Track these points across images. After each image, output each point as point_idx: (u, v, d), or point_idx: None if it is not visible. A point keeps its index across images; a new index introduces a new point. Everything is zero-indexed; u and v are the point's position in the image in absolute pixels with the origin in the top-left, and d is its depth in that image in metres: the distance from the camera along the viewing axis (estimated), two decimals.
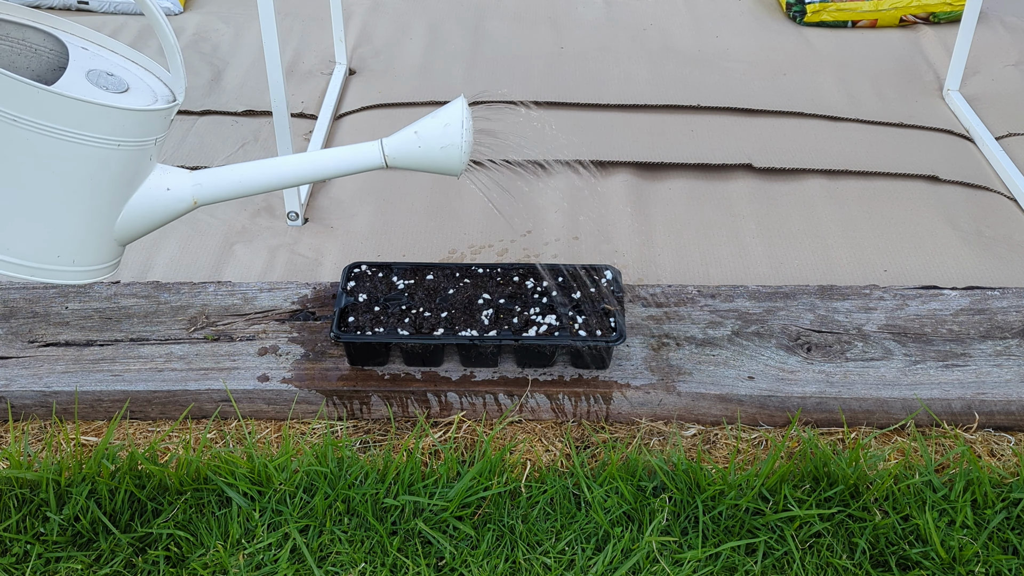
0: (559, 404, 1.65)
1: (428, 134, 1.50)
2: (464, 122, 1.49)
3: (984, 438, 1.64)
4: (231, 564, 1.40)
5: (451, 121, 1.49)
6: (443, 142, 1.49)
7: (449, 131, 1.49)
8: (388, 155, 1.52)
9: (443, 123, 1.50)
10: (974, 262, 1.97)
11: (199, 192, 1.53)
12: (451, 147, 1.49)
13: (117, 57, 1.54)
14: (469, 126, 1.50)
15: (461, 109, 1.50)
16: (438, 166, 1.52)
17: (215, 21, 2.89)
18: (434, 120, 1.51)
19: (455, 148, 1.49)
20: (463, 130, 1.49)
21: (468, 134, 1.50)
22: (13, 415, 1.66)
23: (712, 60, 2.70)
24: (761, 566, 1.41)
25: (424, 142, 1.50)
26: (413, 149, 1.51)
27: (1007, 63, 2.68)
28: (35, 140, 1.34)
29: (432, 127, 1.50)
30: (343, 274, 1.75)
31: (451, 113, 1.50)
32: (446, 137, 1.49)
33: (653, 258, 1.99)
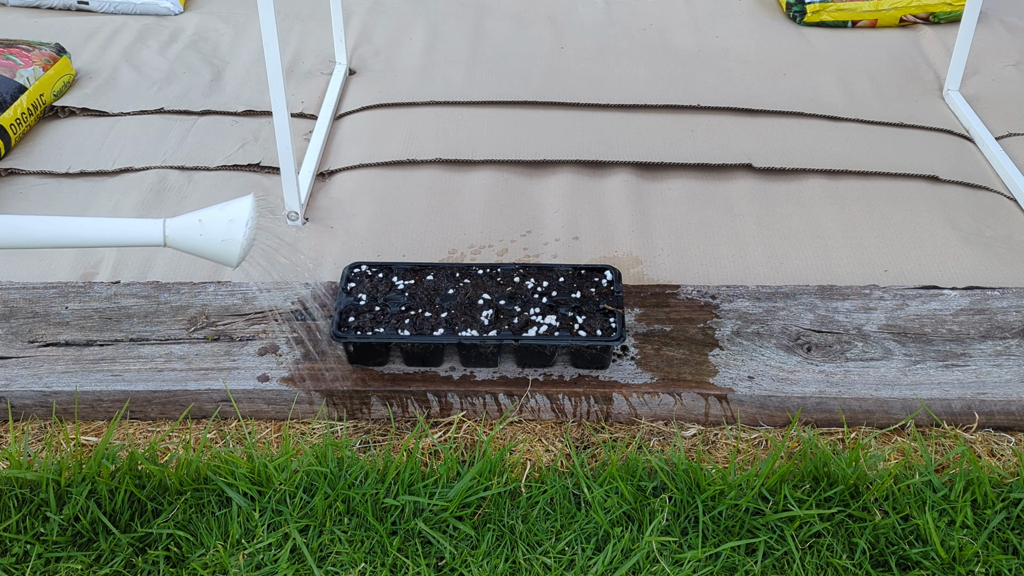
0: (559, 404, 1.65)
1: (212, 226, 1.55)
2: (248, 221, 1.54)
3: (984, 438, 1.64)
4: (231, 564, 1.40)
5: (236, 218, 1.54)
6: (225, 236, 1.54)
7: (233, 227, 1.54)
8: (168, 236, 1.57)
9: (228, 218, 1.55)
10: (974, 262, 1.97)
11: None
12: (231, 242, 1.54)
13: None
14: (253, 225, 1.55)
15: (248, 208, 1.55)
16: (216, 256, 1.57)
17: (215, 21, 2.89)
18: (220, 212, 1.55)
19: (235, 244, 1.54)
20: (246, 228, 1.54)
21: (251, 232, 1.55)
22: (13, 415, 1.66)
23: (712, 60, 2.69)
24: (761, 566, 1.41)
25: (207, 231, 1.55)
26: (195, 236, 1.56)
27: (1007, 63, 2.68)
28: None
29: (217, 220, 1.55)
30: (343, 274, 1.75)
31: (238, 210, 1.55)
32: (229, 232, 1.54)
33: (653, 258, 1.99)
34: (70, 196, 2.15)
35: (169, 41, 2.77)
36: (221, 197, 2.13)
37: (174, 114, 2.43)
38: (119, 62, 2.64)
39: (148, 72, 2.60)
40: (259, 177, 2.21)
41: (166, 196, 2.14)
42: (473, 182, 2.21)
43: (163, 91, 2.51)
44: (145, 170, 2.22)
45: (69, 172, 2.21)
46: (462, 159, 2.26)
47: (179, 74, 2.59)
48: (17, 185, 2.18)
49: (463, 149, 2.29)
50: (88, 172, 2.21)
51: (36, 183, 2.18)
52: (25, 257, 1.94)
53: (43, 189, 2.16)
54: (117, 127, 2.37)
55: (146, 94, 2.49)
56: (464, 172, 2.24)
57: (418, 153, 2.27)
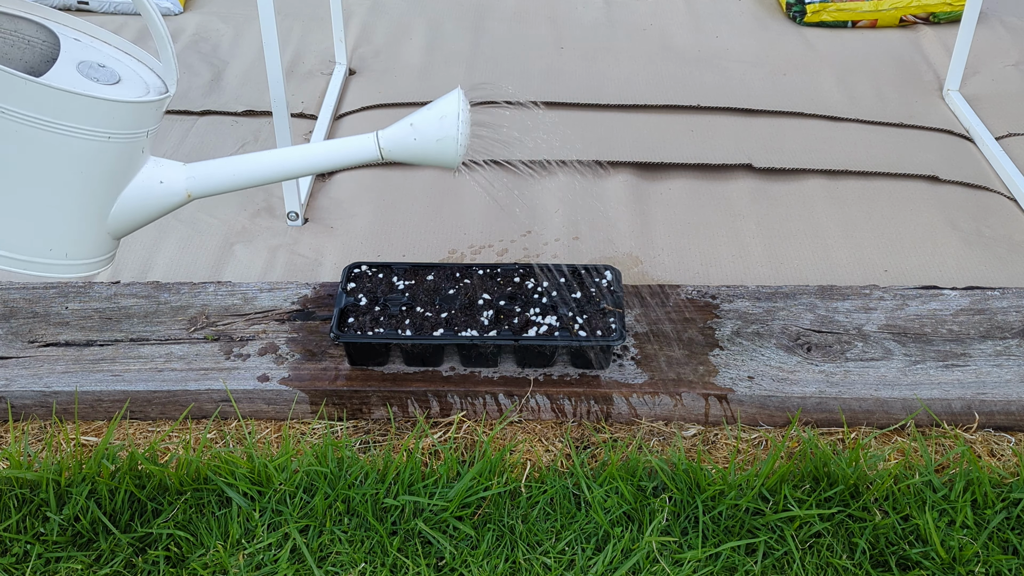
0: (559, 404, 1.65)
1: (424, 126, 1.48)
2: (460, 114, 1.47)
3: (984, 438, 1.64)
4: (231, 564, 1.40)
5: (447, 113, 1.47)
6: (439, 135, 1.47)
7: (445, 124, 1.47)
8: (384, 147, 1.50)
9: (439, 115, 1.48)
10: (974, 262, 1.97)
11: (192, 185, 1.52)
12: (447, 139, 1.47)
13: (110, 48, 1.53)
14: (466, 119, 1.48)
15: (458, 101, 1.48)
16: (434, 159, 1.50)
17: (215, 21, 2.89)
18: (430, 112, 1.49)
19: (451, 141, 1.47)
20: (459, 122, 1.47)
21: (464, 127, 1.48)
22: (13, 415, 1.66)
23: (712, 60, 2.69)
24: (761, 566, 1.41)
25: (420, 134, 1.48)
26: (409, 141, 1.49)
27: (1007, 63, 2.68)
28: (25, 132, 1.33)
29: (428, 119, 1.48)
30: (343, 274, 1.75)
31: (447, 105, 1.48)
32: (442, 130, 1.47)
33: (653, 258, 1.99)
34: None
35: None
36: (221, 197, 2.13)
37: (174, 114, 2.43)
38: None
39: None
40: None
41: None
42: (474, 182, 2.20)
43: None
44: None
45: None
46: None
47: (179, 74, 2.59)
48: None
49: None
50: None
51: None
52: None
53: None
54: None
55: None
56: None
57: None
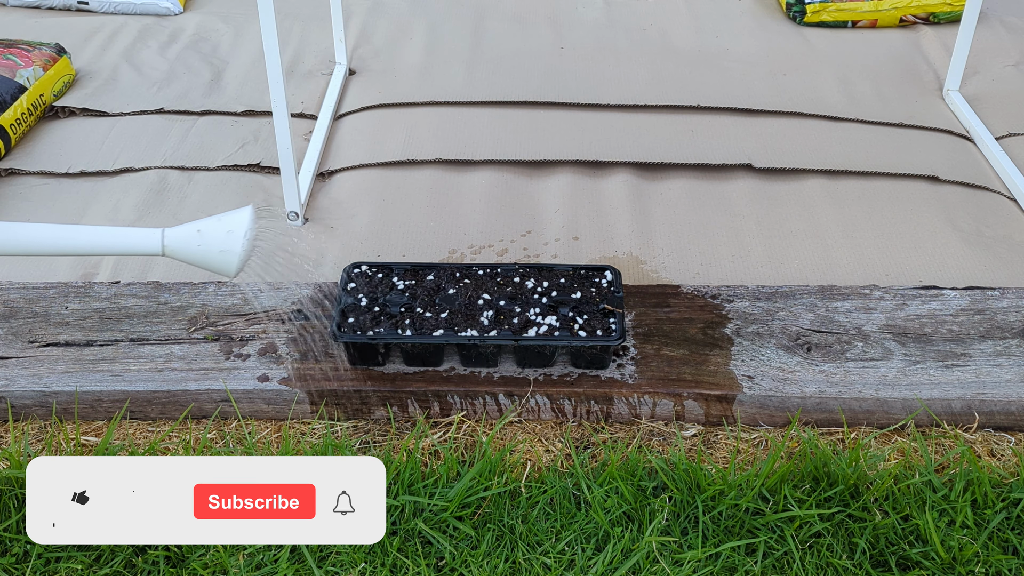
0: (559, 404, 1.65)
1: (211, 236, 1.56)
2: (247, 232, 1.56)
3: (984, 438, 1.64)
4: (231, 564, 1.40)
5: (235, 229, 1.56)
6: (223, 247, 1.56)
7: (231, 238, 1.56)
8: (167, 246, 1.58)
9: (227, 229, 1.56)
10: (974, 262, 1.97)
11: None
12: (229, 253, 1.56)
13: None
14: (252, 236, 1.57)
15: (247, 219, 1.57)
16: (214, 267, 1.58)
17: (215, 21, 2.89)
18: (219, 224, 1.57)
19: (233, 255, 1.56)
20: (244, 240, 1.56)
21: (249, 244, 1.57)
22: (13, 415, 1.66)
23: (712, 60, 2.69)
24: (761, 566, 1.41)
25: (205, 242, 1.56)
26: (193, 246, 1.57)
27: (1007, 63, 2.68)
28: None
29: (216, 230, 1.57)
30: (343, 274, 1.75)
31: (237, 221, 1.57)
32: (227, 243, 1.56)
33: (653, 258, 1.99)
34: (70, 196, 2.15)
35: (169, 41, 2.77)
36: (221, 197, 2.14)
37: (174, 114, 2.43)
38: (119, 62, 2.64)
39: (148, 72, 2.60)
40: (259, 177, 2.21)
41: (166, 196, 2.14)
42: (473, 182, 2.21)
43: (163, 91, 2.51)
44: (145, 170, 2.22)
45: (69, 172, 2.21)
46: (462, 159, 2.26)
47: (179, 74, 2.59)
48: (17, 185, 2.18)
49: (463, 149, 2.29)
50: (88, 172, 2.21)
51: (36, 183, 2.18)
52: (25, 257, 1.94)
53: (43, 189, 2.16)
54: (117, 127, 2.37)
55: (146, 94, 2.49)
56: (464, 172, 2.24)
57: (418, 153, 2.27)
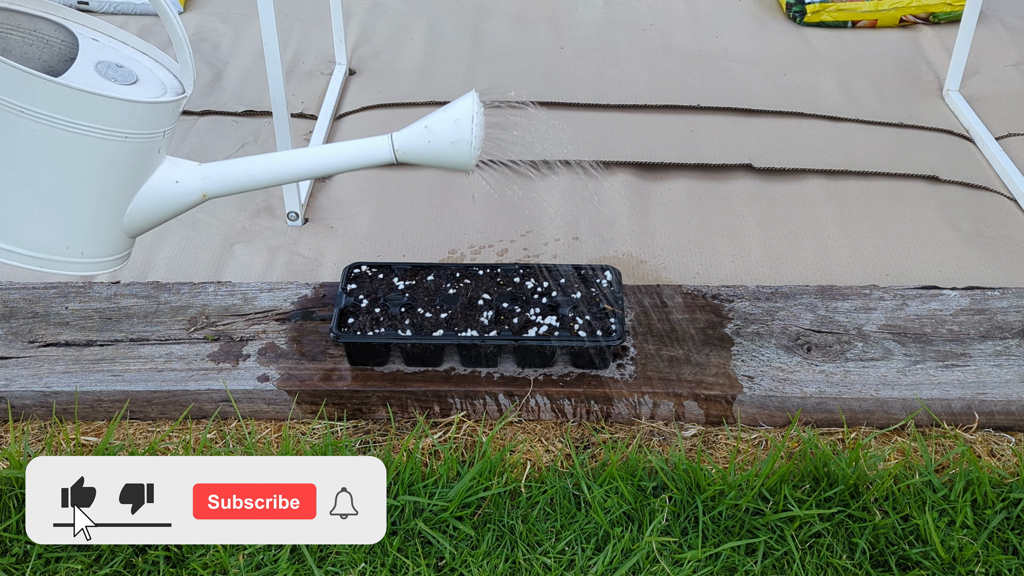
0: (559, 404, 1.65)
1: (438, 129, 1.48)
2: (475, 117, 1.47)
3: (984, 438, 1.64)
4: (231, 564, 1.40)
5: (461, 116, 1.48)
6: (453, 137, 1.48)
7: (459, 126, 1.47)
8: (398, 149, 1.50)
9: (453, 118, 1.48)
10: (974, 262, 1.97)
11: (208, 185, 1.53)
12: (461, 142, 1.48)
13: (128, 49, 1.54)
14: (480, 122, 1.48)
15: (472, 104, 1.48)
16: (448, 162, 1.50)
17: (215, 21, 2.89)
18: (444, 115, 1.49)
19: (465, 144, 1.48)
20: (473, 125, 1.47)
21: (479, 130, 1.48)
22: (13, 415, 1.66)
23: (712, 60, 2.69)
24: (761, 566, 1.41)
25: (434, 137, 1.48)
26: (423, 144, 1.49)
27: (1007, 63, 2.68)
28: (44, 131, 1.34)
29: (442, 122, 1.49)
30: (343, 274, 1.75)
31: (462, 108, 1.48)
32: (456, 132, 1.48)
33: (653, 258, 1.99)
34: None
35: (169, 41, 2.75)
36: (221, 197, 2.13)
37: None
38: None
39: None
40: None
41: None
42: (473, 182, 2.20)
43: None
44: None
45: None
46: None
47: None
48: None
49: None
50: None
51: None
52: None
53: None
54: None
55: None
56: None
57: None
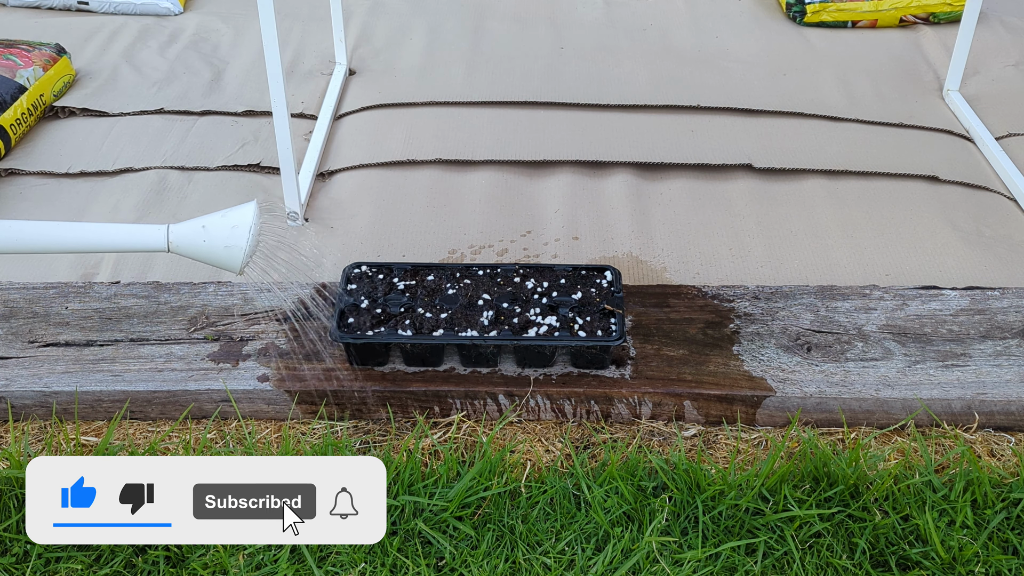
0: (559, 404, 1.65)
1: (216, 232, 1.57)
2: (252, 227, 1.57)
3: (984, 438, 1.64)
4: (231, 564, 1.40)
5: (240, 224, 1.57)
6: (228, 242, 1.57)
7: (236, 233, 1.57)
8: (172, 242, 1.59)
9: (231, 224, 1.57)
10: (974, 262, 1.97)
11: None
12: (234, 248, 1.57)
13: None
14: (256, 232, 1.58)
15: (252, 214, 1.58)
16: (219, 262, 1.59)
17: (215, 21, 2.89)
18: (223, 219, 1.58)
19: (238, 250, 1.57)
20: (249, 235, 1.57)
21: (254, 239, 1.58)
22: (13, 415, 1.66)
23: (712, 60, 2.69)
24: (761, 566, 1.41)
25: (210, 237, 1.57)
26: (198, 242, 1.58)
27: (1007, 63, 2.68)
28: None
29: (220, 226, 1.57)
30: (343, 274, 1.75)
31: (241, 216, 1.57)
32: (232, 239, 1.57)
33: (653, 258, 1.99)
34: (70, 196, 2.15)
35: (169, 41, 2.77)
36: (221, 197, 2.13)
37: (174, 114, 2.43)
38: (119, 62, 2.64)
39: (148, 72, 2.60)
40: (259, 177, 2.21)
41: (166, 196, 2.14)
42: (473, 182, 2.21)
43: (163, 91, 2.51)
44: (145, 170, 2.22)
45: (69, 172, 2.21)
46: (462, 159, 2.26)
47: (179, 74, 2.59)
48: (17, 185, 2.18)
49: (463, 149, 2.29)
50: (88, 172, 2.21)
51: (36, 183, 2.18)
52: (25, 257, 1.94)
53: (43, 189, 2.16)
54: (117, 127, 2.37)
55: (146, 94, 2.49)
56: (464, 172, 2.24)
57: (418, 153, 2.27)
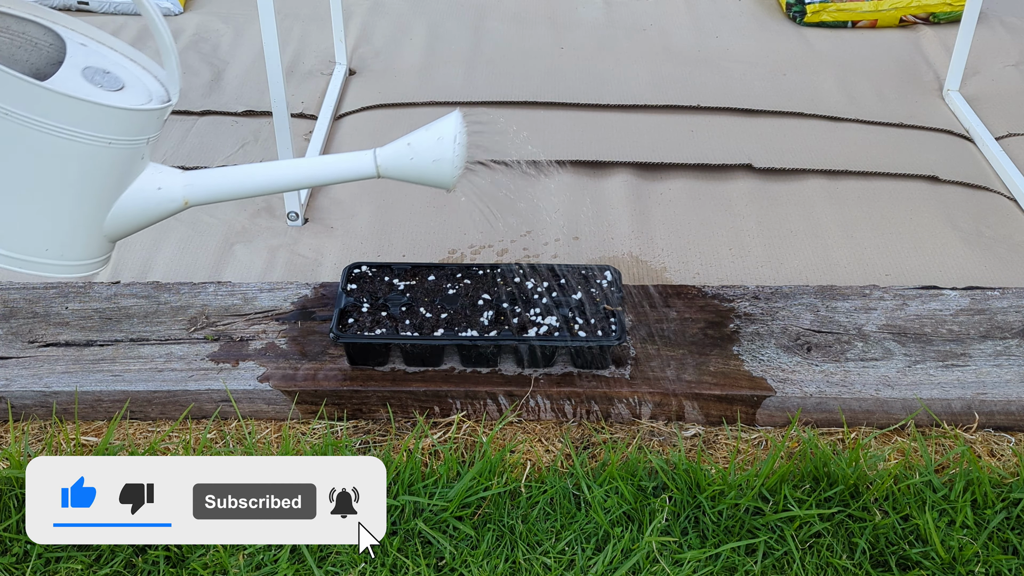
0: (559, 405, 1.65)
1: (421, 147, 1.50)
2: (457, 137, 1.49)
3: (984, 438, 1.64)
4: (231, 564, 1.40)
5: (444, 135, 1.49)
6: (435, 155, 1.49)
7: (442, 145, 1.49)
8: (380, 165, 1.52)
9: (436, 136, 1.50)
10: (974, 262, 1.97)
11: (190, 192, 1.53)
12: (442, 161, 1.49)
13: (115, 54, 1.54)
14: (462, 141, 1.50)
15: (455, 123, 1.50)
16: (429, 179, 1.52)
17: (215, 21, 2.89)
18: (427, 133, 1.51)
19: (446, 163, 1.49)
20: (455, 145, 1.49)
21: (460, 148, 1.50)
22: (13, 415, 1.66)
23: (712, 60, 2.69)
24: (761, 566, 1.41)
25: (416, 154, 1.50)
26: (405, 161, 1.51)
27: (1007, 63, 2.68)
28: (27, 134, 1.35)
29: (425, 140, 1.51)
30: (343, 274, 1.75)
31: (444, 127, 1.50)
32: (438, 151, 1.49)
33: (653, 258, 1.99)
34: None
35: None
36: None
37: (174, 114, 2.42)
38: None
39: None
40: None
41: None
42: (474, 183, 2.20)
43: None
44: None
45: None
46: None
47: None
48: None
49: None
50: None
51: None
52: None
53: None
54: None
55: None
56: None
57: None
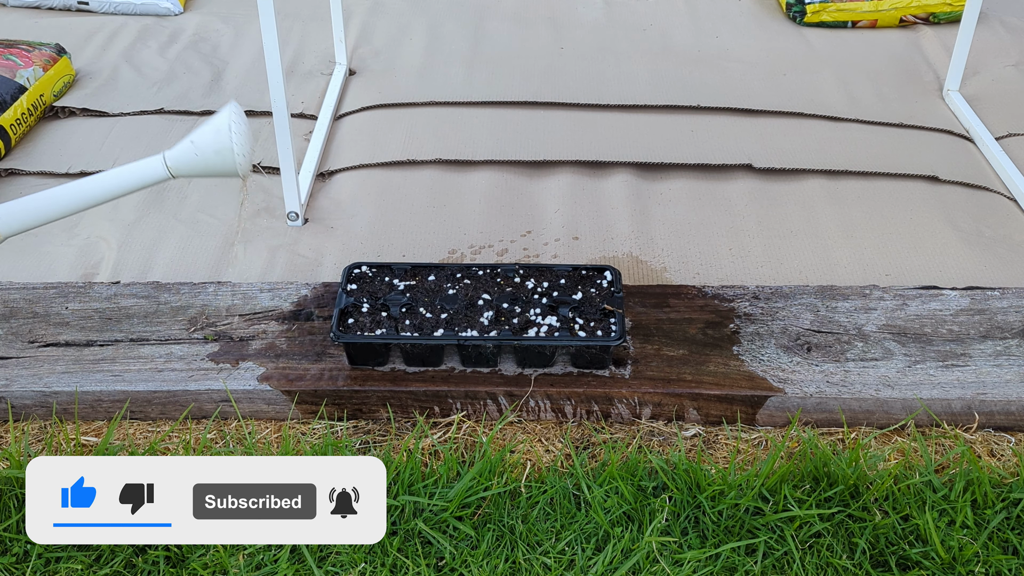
0: (559, 405, 1.65)
1: (202, 141, 1.59)
2: (232, 126, 1.57)
3: (984, 438, 1.64)
4: (231, 564, 1.40)
5: (220, 126, 1.58)
6: (216, 147, 1.58)
7: (219, 136, 1.57)
8: (171, 166, 1.60)
9: (214, 129, 1.58)
10: (974, 262, 1.97)
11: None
12: (224, 151, 1.58)
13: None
14: (239, 129, 1.58)
15: (229, 114, 1.59)
16: (217, 169, 1.60)
17: (215, 21, 2.89)
18: (206, 127, 1.60)
19: (227, 152, 1.58)
20: (231, 133, 1.57)
21: (239, 136, 1.58)
22: (13, 415, 1.66)
23: (712, 60, 2.69)
24: (761, 566, 1.41)
25: (200, 149, 1.59)
26: (191, 157, 1.59)
27: (1007, 63, 2.68)
28: None
29: (204, 134, 1.59)
30: (343, 274, 1.75)
31: (220, 119, 1.59)
32: (217, 142, 1.58)
33: (653, 258, 1.99)
34: None
35: (169, 41, 2.77)
36: (221, 197, 2.14)
37: (174, 114, 2.43)
38: (119, 62, 2.64)
39: (148, 72, 2.60)
40: (259, 177, 2.21)
41: (166, 196, 2.14)
42: (473, 182, 2.21)
43: (163, 91, 2.51)
44: None
45: (69, 172, 2.21)
46: (462, 159, 2.27)
47: (179, 74, 2.59)
48: (17, 185, 2.18)
49: (463, 149, 2.29)
50: (88, 172, 2.21)
51: (36, 183, 2.18)
52: (25, 257, 1.95)
53: (43, 189, 2.16)
54: (117, 127, 2.37)
55: (146, 94, 2.49)
56: (464, 172, 2.24)
57: (418, 153, 2.27)
